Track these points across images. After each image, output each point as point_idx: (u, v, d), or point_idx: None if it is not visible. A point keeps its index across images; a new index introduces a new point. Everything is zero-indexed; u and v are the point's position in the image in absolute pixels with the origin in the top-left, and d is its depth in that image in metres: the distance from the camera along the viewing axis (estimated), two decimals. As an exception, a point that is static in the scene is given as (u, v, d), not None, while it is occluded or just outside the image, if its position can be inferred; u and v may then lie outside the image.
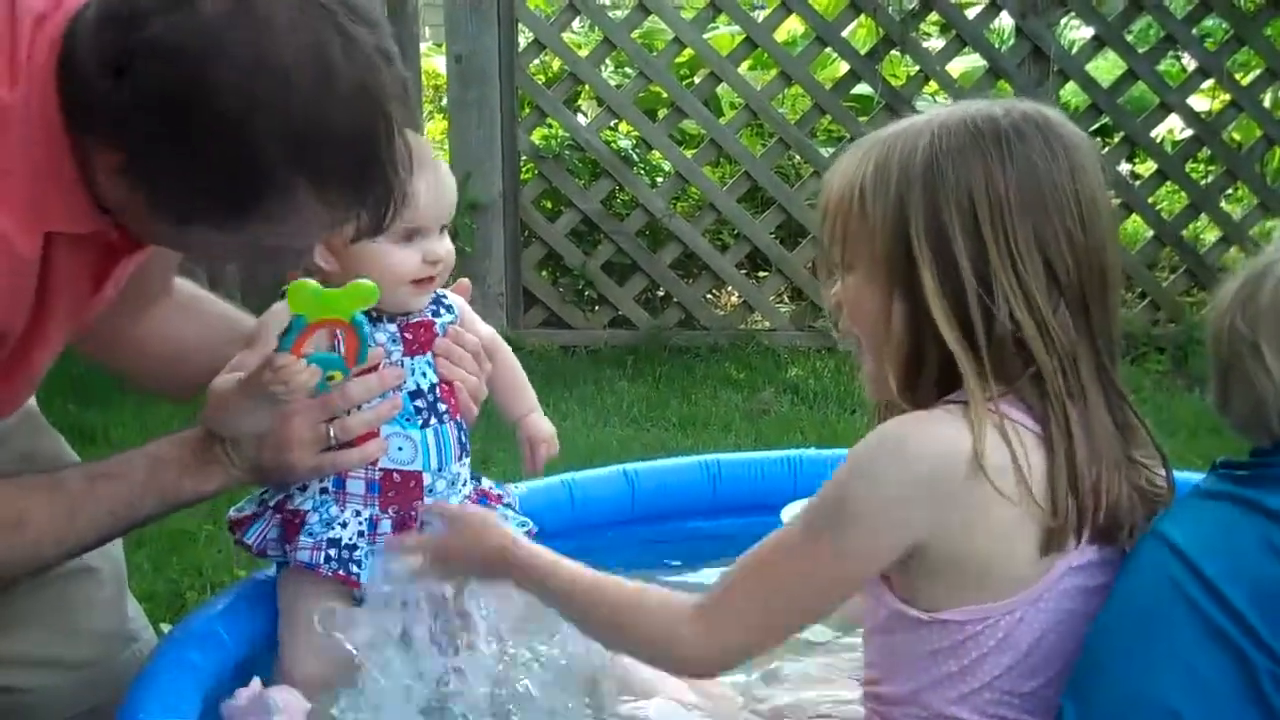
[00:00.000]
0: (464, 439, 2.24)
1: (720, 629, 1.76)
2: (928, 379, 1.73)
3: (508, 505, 2.29)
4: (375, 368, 2.13)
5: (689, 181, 6.20)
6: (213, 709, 2.03)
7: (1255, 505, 1.61)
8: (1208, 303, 6.27)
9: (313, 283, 1.96)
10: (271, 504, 2.19)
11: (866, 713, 1.84)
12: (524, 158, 6.17)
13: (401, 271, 2.14)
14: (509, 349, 2.35)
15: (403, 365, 2.17)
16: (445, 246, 2.18)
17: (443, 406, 2.19)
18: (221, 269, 2.00)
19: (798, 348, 5.95)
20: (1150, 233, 6.22)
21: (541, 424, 2.32)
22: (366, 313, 2.03)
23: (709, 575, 2.62)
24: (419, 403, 2.17)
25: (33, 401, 2.25)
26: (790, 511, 2.58)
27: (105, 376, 4.98)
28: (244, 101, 1.63)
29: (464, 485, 2.24)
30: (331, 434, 2.11)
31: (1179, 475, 1.88)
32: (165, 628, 2.69)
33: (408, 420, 2.17)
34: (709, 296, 6.36)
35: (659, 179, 6.37)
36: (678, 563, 2.68)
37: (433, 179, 2.13)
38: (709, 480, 2.81)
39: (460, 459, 2.22)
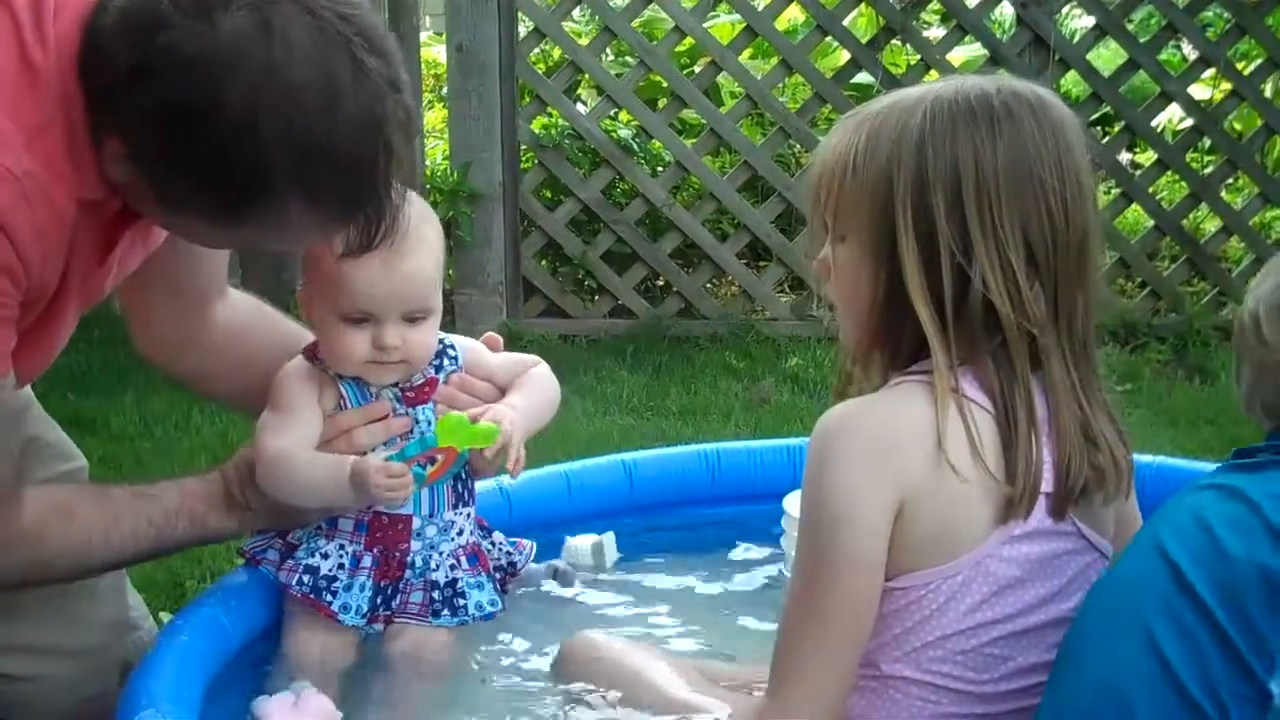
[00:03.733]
0: (462, 489, 2.26)
1: (798, 701, 1.76)
2: (890, 352, 1.78)
3: (512, 563, 2.32)
4: (384, 417, 2.20)
5: (689, 171, 6.19)
6: (214, 697, 2.04)
7: (1234, 491, 1.62)
8: (1207, 292, 6.27)
9: (461, 416, 2.11)
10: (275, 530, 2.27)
11: None
12: (524, 147, 6.16)
13: (350, 353, 2.16)
14: (542, 367, 2.33)
15: (408, 415, 2.22)
16: (405, 335, 2.15)
17: (440, 456, 2.18)
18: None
19: (798, 337, 5.94)
20: (1150, 222, 6.21)
21: (498, 409, 2.19)
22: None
23: (709, 561, 2.64)
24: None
25: (30, 391, 2.26)
26: (792, 501, 2.59)
27: (104, 367, 5.02)
28: (251, 116, 1.69)
29: (459, 534, 2.26)
30: None
31: (1177, 464, 1.90)
32: (165, 616, 2.70)
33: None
34: (709, 286, 6.36)
35: (659, 168, 6.36)
36: (675, 553, 2.68)
37: (383, 270, 2.09)
38: (708, 469, 2.81)
39: (455, 507, 2.25)
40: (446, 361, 2.26)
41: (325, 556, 2.20)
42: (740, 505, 2.75)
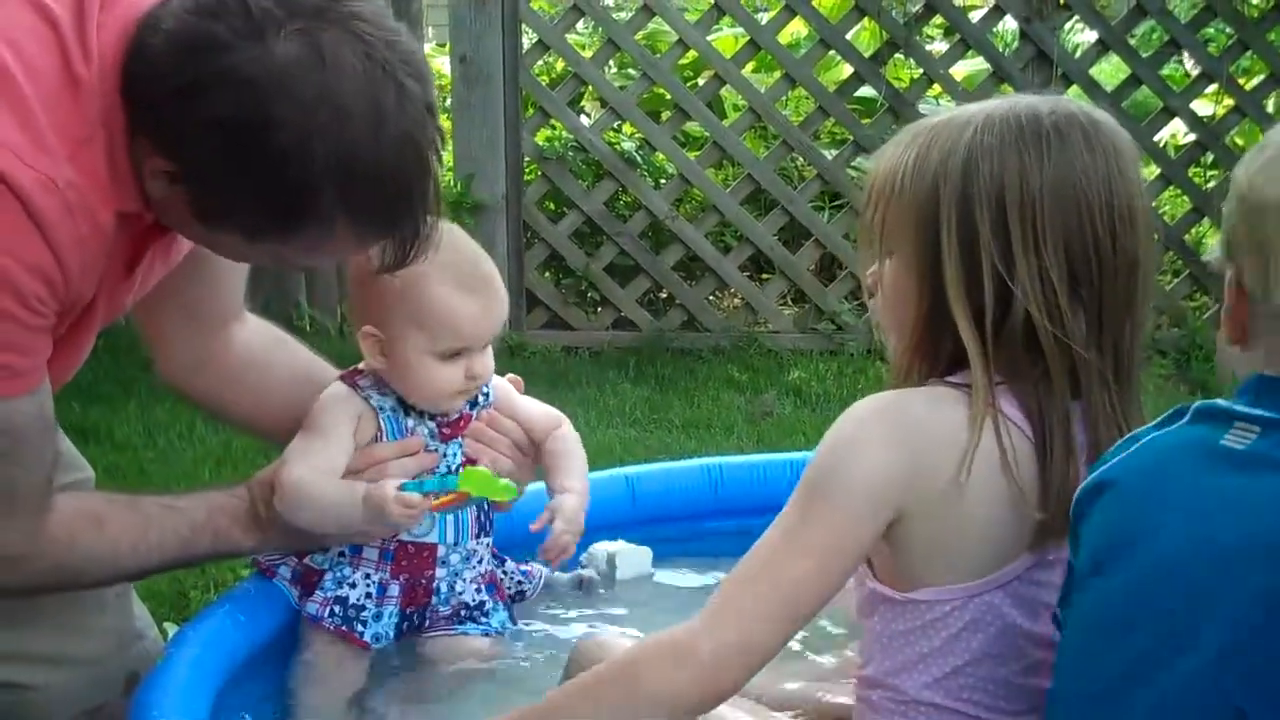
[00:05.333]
0: (485, 519, 2.33)
1: (732, 631, 1.70)
2: (930, 367, 1.76)
3: (521, 592, 2.42)
4: (417, 452, 2.27)
5: (692, 183, 6.20)
6: (222, 708, 2.05)
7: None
8: (1210, 307, 6.22)
9: (487, 471, 2.18)
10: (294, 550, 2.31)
11: (856, 699, 1.85)
12: (527, 159, 6.17)
13: (445, 387, 2.24)
14: (568, 429, 2.39)
15: (438, 451, 2.28)
16: (487, 361, 2.27)
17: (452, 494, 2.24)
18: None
19: (800, 350, 5.95)
20: (1153, 237, 6.21)
21: (566, 502, 2.29)
22: (409, 406, 2.27)
23: (711, 578, 2.64)
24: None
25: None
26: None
27: (108, 377, 5.02)
28: (301, 138, 1.74)
29: (480, 563, 2.34)
30: None
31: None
32: (169, 626, 2.70)
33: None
34: (711, 298, 6.37)
35: (662, 181, 6.37)
36: (679, 567, 2.69)
37: (483, 304, 2.22)
38: (710, 484, 2.81)
39: (478, 537, 2.33)
40: (480, 398, 2.33)
41: (353, 586, 2.26)
42: (743, 519, 2.75)
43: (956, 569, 1.71)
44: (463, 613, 2.30)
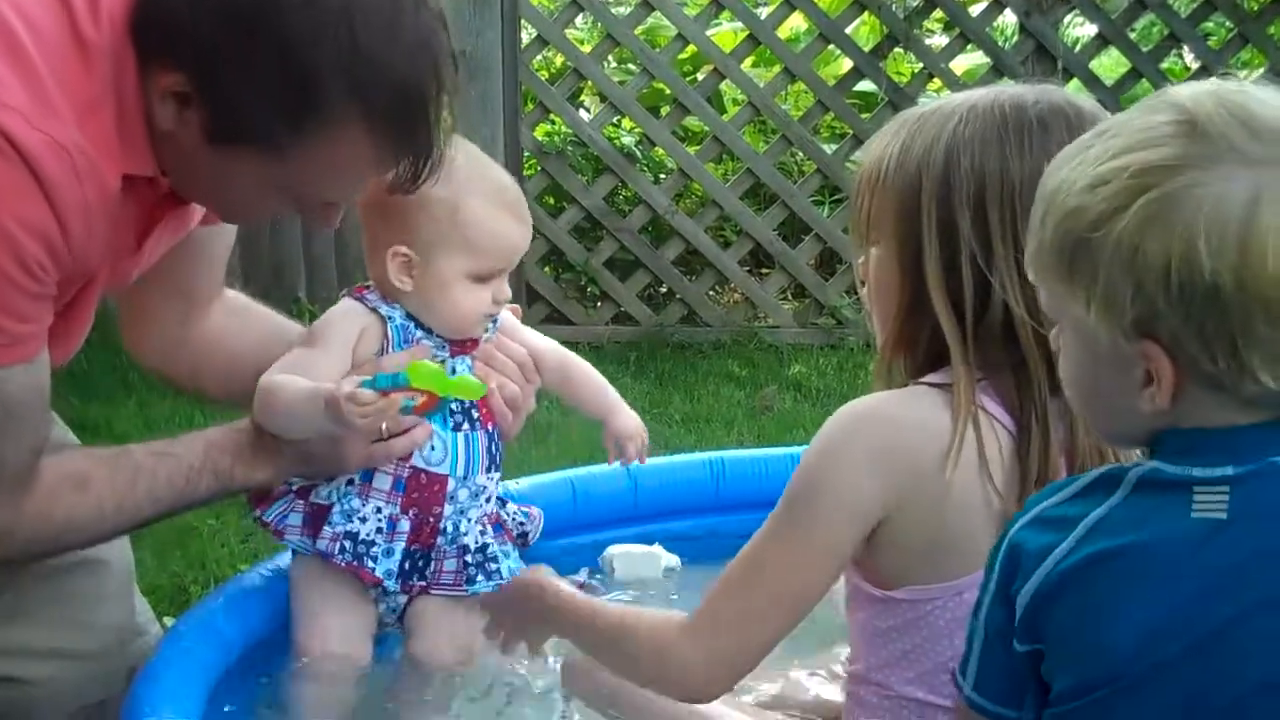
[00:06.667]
0: (494, 450, 2.30)
1: (711, 636, 1.71)
2: (913, 360, 1.75)
3: (524, 534, 2.37)
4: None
5: (692, 178, 6.20)
6: (216, 702, 2.04)
7: None
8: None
9: (437, 366, 2.12)
10: (294, 489, 2.25)
11: (846, 695, 1.85)
12: (527, 154, 6.16)
13: (475, 310, 2.24)
14: (577, 358, 2.47)
15: (445, 363, 2.25)
16: (507, 287, 2.28)
17: (476, 413, 2.27)
18: (257, 226, 2.10)
19: (800, 344, 5.95)
20: (1153, 231, 6.21)
21: (625, 423, 2.45)
22: (420, 325, 2.24)
23: (712, 571, 2.64)
24: (454, 405, 2.24)
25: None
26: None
27: (105, 370, 5.02)
28: (313, 29, 1.74)
29: (487, 501, 2.31)
30: (384, 427, 2.13)
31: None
32: (168, 621, 2.70)
33: (443, 420, 2.24)
34: (712, 293, 6.36)
35: (662, 175, 6.37)
36: (681, 561, 2.68)
37: (522, 226, 2.25)
38: (712, 477, 2.81)
39: (488, 471, 2.30)
40: (490, 324, 2.33)
41: (363, 520, 2.22)
42: (745, 514, 2.74)
43: (939, 568, 1.70)
44: (468, 560, 2.25)
